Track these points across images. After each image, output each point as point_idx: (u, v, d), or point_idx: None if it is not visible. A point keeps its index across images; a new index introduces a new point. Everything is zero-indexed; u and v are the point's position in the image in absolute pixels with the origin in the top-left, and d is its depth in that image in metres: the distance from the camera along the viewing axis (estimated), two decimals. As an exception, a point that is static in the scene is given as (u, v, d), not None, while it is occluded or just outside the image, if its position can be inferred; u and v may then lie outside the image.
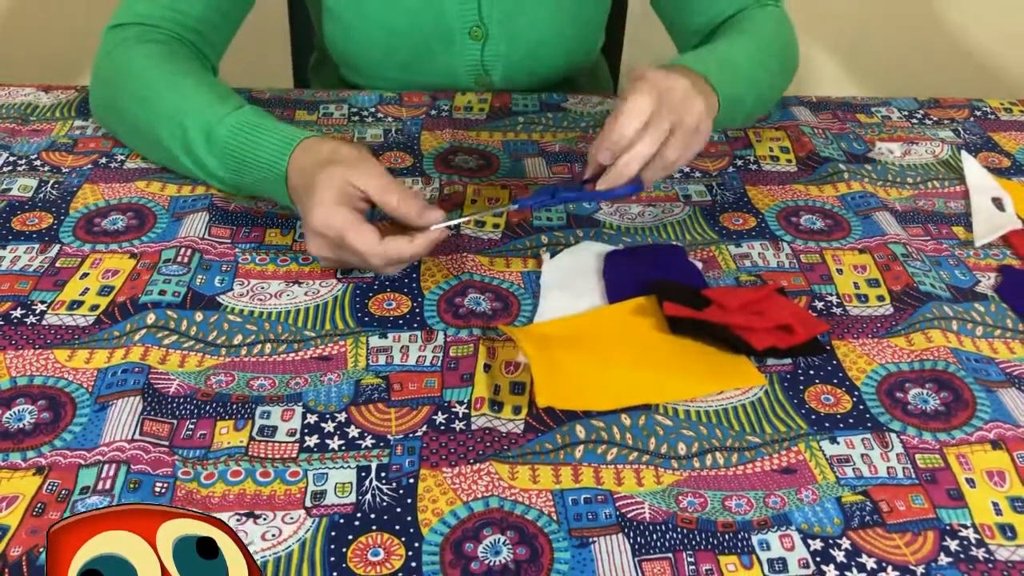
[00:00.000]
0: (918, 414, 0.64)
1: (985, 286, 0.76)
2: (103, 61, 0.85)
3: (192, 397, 0.62)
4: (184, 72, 0.81)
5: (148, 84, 0.81)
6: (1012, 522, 0.56)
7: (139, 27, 0.86)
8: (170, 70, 0.81)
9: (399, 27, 0.96)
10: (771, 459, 0.60)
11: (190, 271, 0.73)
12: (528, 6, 0.97)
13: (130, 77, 0.82)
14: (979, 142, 0.97)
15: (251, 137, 0.75)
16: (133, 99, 0.81)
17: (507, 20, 0.97)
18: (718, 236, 0.80)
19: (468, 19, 0.96)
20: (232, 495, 0.56)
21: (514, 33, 0.98)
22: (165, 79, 0.80)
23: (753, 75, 0.85)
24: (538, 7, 0.97)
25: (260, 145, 0.74)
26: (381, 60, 0.99)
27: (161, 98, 0.79)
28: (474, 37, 0.97)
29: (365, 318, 0.70)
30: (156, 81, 0.80)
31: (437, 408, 0.63)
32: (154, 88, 0.80)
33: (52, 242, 0.76)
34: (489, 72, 1.00)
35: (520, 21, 0.97)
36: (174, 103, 0.78)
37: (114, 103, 0.84)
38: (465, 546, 0.54)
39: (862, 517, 0.56)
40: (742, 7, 0.93)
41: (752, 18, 0.92)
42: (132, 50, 0.83)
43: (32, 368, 0.64)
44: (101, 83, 0.86)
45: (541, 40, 1.00)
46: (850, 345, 0.69)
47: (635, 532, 0.55)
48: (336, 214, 0.68)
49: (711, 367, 0.66)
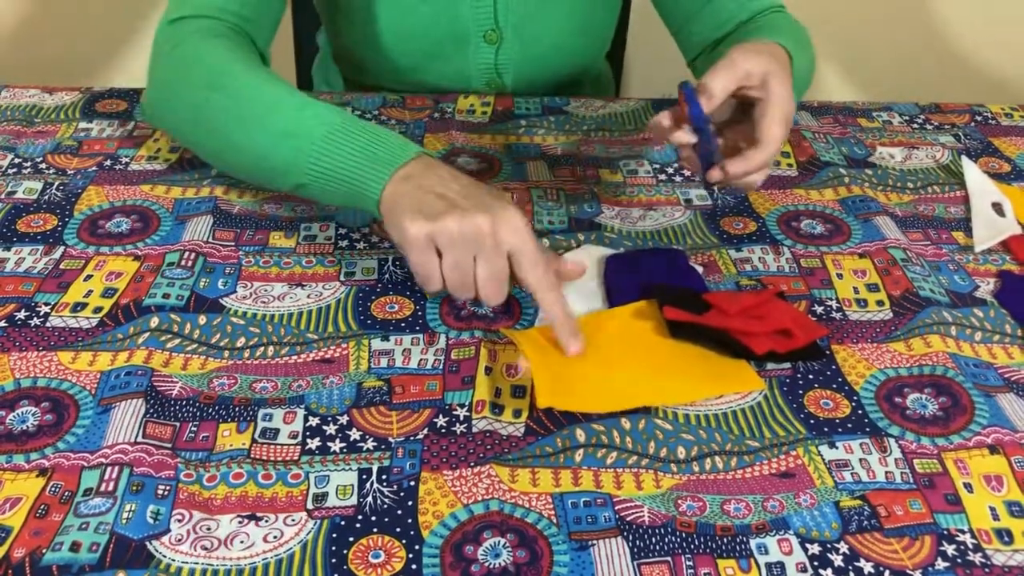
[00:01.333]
0: (917, 419, 0.64)
1: (984, 291, 0.76)
2: (171, 54, 0.80)
3: (195, 400, 0.63)
4: (262, 68, 0.78)
5: (228, 72, 0.76)
6: (1009, 527, 0.57)
7: (204, 19, 0.81)
8: (247, 64, 0.77)
9: (414, 30, 0.96)
10: (770, 463, 0.60)
11: (194, 275, 0.73)
12: (543, 11, 0.97)
13: (205, 68, 0.77)
14: (980, 147, 0.97)
15: (366, 126, 0.71)
16: (212, 88, 0.76)
17: (521, 24, 0.98)
18: (719, 240, 0.81)
19: (483, 23, 0.97)
20: (234, 497, 0.57)
21: (528, 37, 0.99)
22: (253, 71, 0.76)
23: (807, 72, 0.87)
24: (552, 12, 0.98)
25: (382, 130, 0.71)
26: (393, 62, 1.00)
27: (251, 86, 0.75)
28: (488, 41, 0.98)
29: (368, 321, 0.70)
30: (242, 72, 0.76)
31: (438, 411, 0.63)
32: (235, 76, 0.76)
33: (56, 244, 0.76)
34: (502, 75, 1.01)
35: (534, 25, 0.98)
36: (269, 90, 0.74)
37: (179, 96, 0.79)
38: (465, 548, 0.54)
39: (860, 522, 0.57)
40: (752, 15, 0.93)
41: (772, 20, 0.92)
42: (201, 44, 0.79)
43: (36, 370, 0.65)
44: (162, 78, 0.81)
45: (554, 44, 1.00)
46: (849, 350, 0.70)
47: (634, 535, 0.55)
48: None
49: (711, 371, 0.67)
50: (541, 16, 0.98)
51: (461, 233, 0.64)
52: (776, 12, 0.94)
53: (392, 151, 0.70)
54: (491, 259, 0.65)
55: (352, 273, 0.75)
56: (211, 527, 0.55)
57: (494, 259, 0.65)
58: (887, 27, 1.92)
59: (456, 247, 0.65)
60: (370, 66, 1.02)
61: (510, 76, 1.01)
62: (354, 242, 0.78)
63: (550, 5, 0.98)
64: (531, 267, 0.65)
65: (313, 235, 0.79)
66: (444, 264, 0.66)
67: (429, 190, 0.67)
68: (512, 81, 1.02)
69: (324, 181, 0.71)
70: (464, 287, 0.66)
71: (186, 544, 0.53)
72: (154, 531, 0.54)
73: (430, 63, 0.99)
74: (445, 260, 0.66)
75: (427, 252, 0.65)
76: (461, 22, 0.96)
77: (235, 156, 0.76)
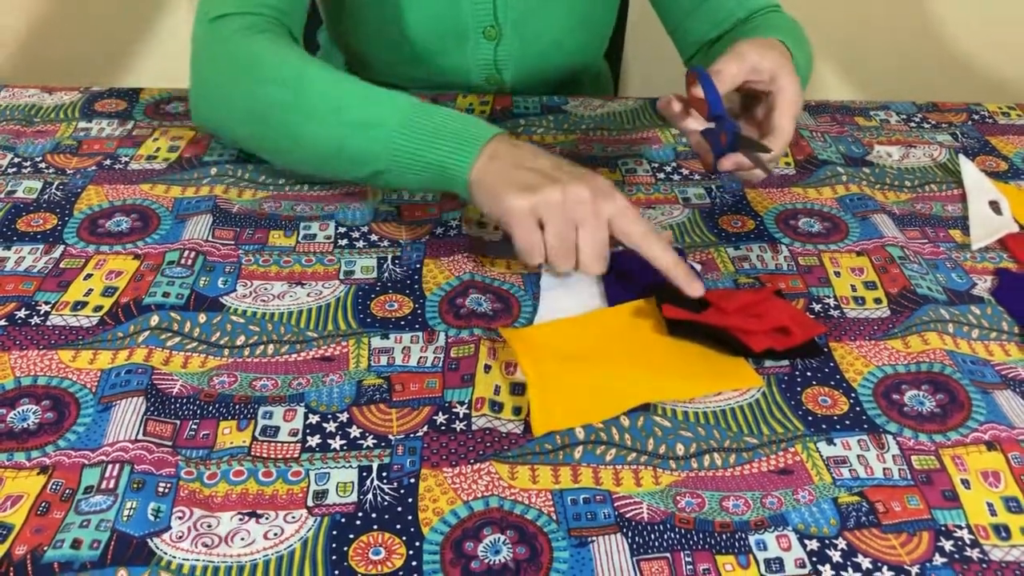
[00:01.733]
0: (914, 416, 0.64)
1: (981, 289, 0.76)
2: (219, 52, 0.80)
3: (195, 398, 0.63)
4: (318, 61, 0.78)
5: (289, 66, 0.77)
6: (1006, 523, 0.57)
7: (244, 16, 0.81)
8: (303, 59, 0.78)
9: (415, 24, 0.97)
10: (768, 460, 0.61)
11: (193, 273, 0.74)
12: (542, 7, 0.98)
13: (263, 64, 0.77)
14: (977, 146, 0.97)
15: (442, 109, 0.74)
16: (271, 84, 0.77)
17: (521, 21, 0.98)
18: (717, 238, 0.81)
19: (483, 19, 0.97)
20: (235, 495, 0.57)
21: (527, 34, 0.99)
22: (305, 62, 0.77)
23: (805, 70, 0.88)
24: (552, 9, 0.98)
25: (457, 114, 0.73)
26: (394, 56, 1.00)
27: (313, 78, 0.76)
28: (488, 37, 0.98)
29: (367, 319, 0.70)
30: (297, 64, 0.77)
31: (438, 408, 0.63)
32: (297, 69, 0.76)
33: (56, 243, 0.76)
34: (501, 72, 1.01)
35: (534, 22, 0.98)
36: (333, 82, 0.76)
37: (237, 94, 0.79)
38: (465, 545, 0.54)
39: (858, 518, 0.57)
40: (750, 13, 0.94)
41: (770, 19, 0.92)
42: (251, 40, 0.79)
43: (36, 368, 0.65)
44: (217, 76, 0.80)
45: (553, 41, 1.01)
46: (847, 347, 0.70)
47: (633, 532, 0.55)
48: None
49: (709, 369, 0.67)
50: (540, 12, 0.98)
51: (564, 203, 0.67)
52: (773, 11, 0.94)
53: (474, 131, 0.72)
54: (593, 227, 0.68)
55: (351, 272, 0.75)
56: (212, 524, 0.55)
57: (596, 227, 0.68)
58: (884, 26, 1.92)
59: (559, 218, 0.67)
60: (370, 61, 1.03)
61: (509, 72, 1.02)
62: (353, 241, 0.78)
63: (550, 2, 0.98)
64: (634, 222, 0.69)
65: (313, 234, 0.79)
66: (547, 235, 0.68)
67: (521, 165, 0.70)
68: (511, 77, 1.02)
69: (406, 165, 0.73)
70: (567, 257, 0.69)
71: (187, 541, 0.54)
72: (155, 528, 0.54)
73: (430, 58, 1.00)
74: (548, 231, 0.68)
75: (531, 224, 0.68)
76: (461, 18, 0.97)
77: (304, 151, 0.78)
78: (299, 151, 0.78)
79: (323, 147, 0.76)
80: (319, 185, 0.85)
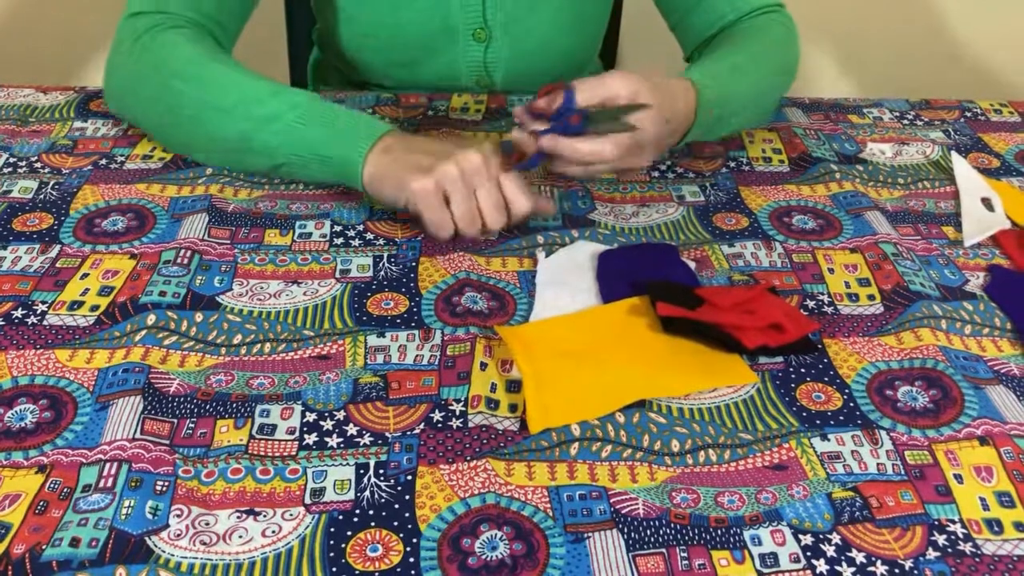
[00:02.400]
0: (907, 411, 0.65)
1: (974, 285, 0.77)
2: (133, 45, 0.84)
3: (192, 396, 0.63)
4: (227, 58, 0.83)
5: (199, 62, 0.81)
6: (999, 517, 0.57)
7: (162, 15, 0.85)
8: (212, 55, 0.82)
9: (405, 25, 0.97)
10: (763, 456, 0.61)
11: (189, 272, 0.74)
12: (531, 10, 0.98)
13: (171, 59, 0.82)
14: (969, 143, 0.98)
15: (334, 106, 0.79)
16: (179, 77, 0.81)
17: (511, 23, 0.98)
18: (711, 236, 0.81)
19: (472, 20, 0.97)
20: (232, 493, 0.57)
21: (517, 36, 0.99)
22: (219, 58, 0.82)
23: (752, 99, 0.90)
24: (541, 11, 0.98)
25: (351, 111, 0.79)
26: (385, 58, 1.00)
27: (220, 72, 0.81)
28: (477, 38, 0.98)
29: (363, 317, 0.71)
30: (208, 60, 0.81)
31: (434, 406, 0.63)
32: (207, 66, 0.81)
33: (52, 243, 0.76)
34: (491, 73, 1.01)
35: (523, 24, 0.99)
36: (237, 77, 0.80)
37: (146, 86, 0.83)
38: (462, 541, 0.55)
39: (852, 512, 0.57)
40: (747, 12, 0.95)
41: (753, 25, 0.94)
42: (166, 34, 0.83)
43: (33, 368, 0.65)
44: (127, 68, 0.85)
45: (543, 43, 1.01)
46: (841, 343, 0.70)
47: (629, 528, 0.56)
48: None
49: (704, 365, 0.67)
50: (530, 14, 0.98)
51: (462, 172, 0.73)
52: (766, 13, 0.95)
53: (366, 129, 0.78)
54: (489, 188, 0.74)
55: (347, 270, 0.75)
56: (210, 522, 0.55)
57: (491, 187, 0.74)
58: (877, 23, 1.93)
59: (460, 186, 0.74)
60: (360, 63, 1.03)
61: (499, 74, 1.02)
62: (349, 239, 0.79)
63: (539, 4, 0.98)
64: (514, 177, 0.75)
65: (308, 232, 0.79)
66: (453, 206, 0.74)
67: (415, 152, 0.76)
68: (502, 79, 1.02)
69: (305, 160, 0.79)
70: (473, 221, 0.75)
71: (185, 539, 0.54)
72: (153, 526, 0.54)
73: (420, 60, 1.00)
74: (454, 201, 0.74)
75: (437, 201, 0.74)
76: (450, 19, 0.97)
77: (209, 143, 0.83)
78: (204, 143, 0.83)
79: (226, 140, 0.81)
80: (314, 184, 0.85)
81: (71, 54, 1.88)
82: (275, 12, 1.23)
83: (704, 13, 0.97)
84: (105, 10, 1.84)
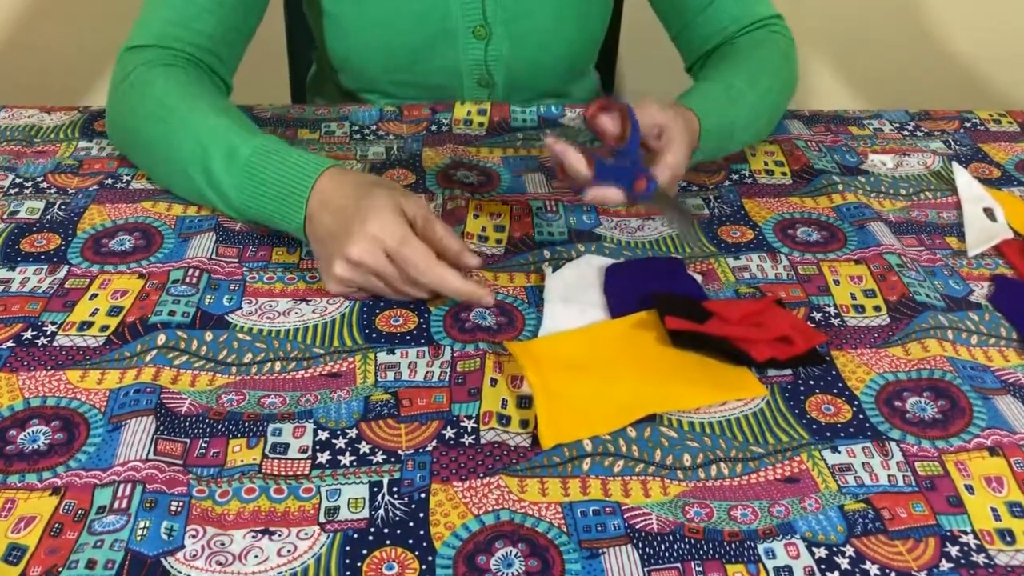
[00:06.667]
0: (917, 422, 0.65)
1: (979, 295, 0.77)
2: (121, 83, 0.85)
3: (204, 416, 0.63)
4: (205, 98, 0.82)
5: (169, 106, 0.81)
6: (1011, 527, 0.58)
7: (156, 49, 0.86)
8: (192, 94, 0.82)
9: (403, 27, 0.97)
10: (774, 469, 0.61)
11: (198, 291, 0.74)
12: (532, 7, 0.98)
13: (149, 99, 0.83)
14: (969, 153, 0.99)
15: (275, 158, 0.75)
16: (151, 120, 0.82)
17: (511, 21, 0.99)
18: (716, 249, 0.82)
19: (472, 18, 0.98)
20: (247, 512, 0.57)
21: (517, 34, 1.00)
22: (187, 103, 0.81)
23: (751, 122, 0.91)
24: (541, 9, 0.99)
25: (285, 164, 0.75)
26: (383, 62, 1.00)
27: (182, 119, 0.80)
28: (478, 36, 0.99)
29: (373, 334, 0.71)
30: (177, 104, 0.81)
31: (446, 423, 0.64)
32: (175, 111, 0.81)
33: (61, 263, 0.76)
34: (492, 72, 1.02)
35: (523, 22, 0.99)
36: (196, 124, 0.79)
37: (131, 124, 0.85)
38: (478, 559, 0.55)
39: (865, 525, 0.58)
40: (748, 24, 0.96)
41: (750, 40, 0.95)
42: (151, 72, 0.84)
43: (45, 389, 0.65)
44: (119, 104, 0.86)
45: (544, 41, 1.01)
46: (848, 355, 0.71)
47: (643, 543, 0.56)
48: (397, 222, 0.70)
49: (713, 379, 0.68)
50: (530, 12, 0.99)
51: (344, 274, 0.71)
52: (766, 26, 0.96)
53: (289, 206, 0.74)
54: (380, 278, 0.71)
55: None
56: (225, 542, 0.55)
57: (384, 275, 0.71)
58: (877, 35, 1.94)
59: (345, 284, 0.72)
60: (360, 68, 1.03)
61: (500, 74, 1.02)
62: (357, 256, 0.79)
63: (539, 1, 0.98)
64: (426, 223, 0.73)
65: (316, 250, 0.79)
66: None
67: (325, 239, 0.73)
68: (503, 79, 1.03)
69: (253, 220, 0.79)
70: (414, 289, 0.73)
71: (201, 560, 0.54)
72: (169, 547, 0.54)
73: (420, 60, 1.00)
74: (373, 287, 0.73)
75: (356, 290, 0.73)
76: (450, 17, 0.97)
77: (177, 189, 0.84)
78: (169, 177, 0.84)
79: (185, 189, 0.82)
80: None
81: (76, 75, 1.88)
82: (275, 30, 1.24)
83: (705, 25, 0.98)
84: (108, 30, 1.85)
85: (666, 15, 1.01)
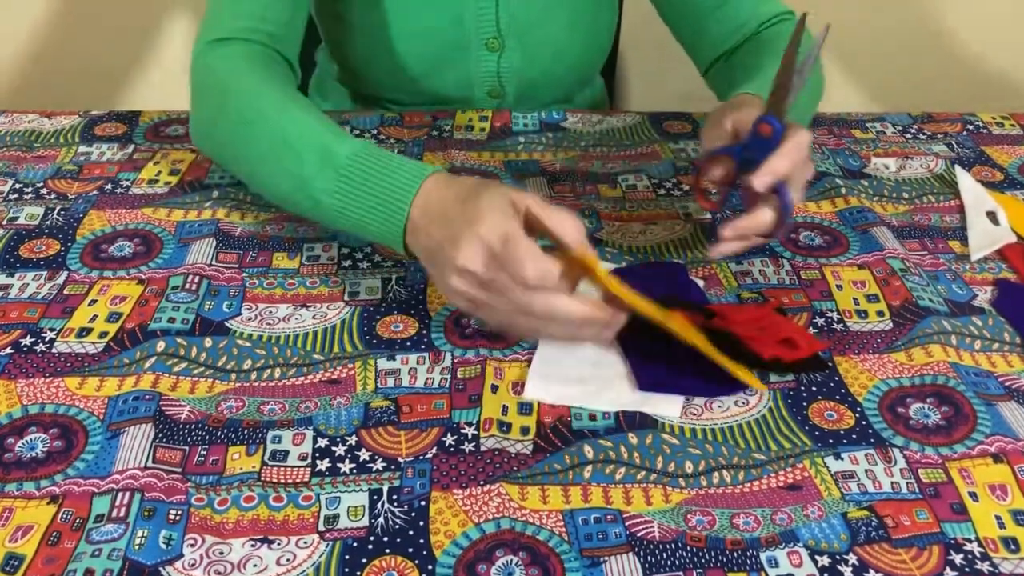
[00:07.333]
0: (920, 429, 0.65)
1: (982, 300, 0.77)
2: (208, 79, 0.80)
3: (203, 423, 0.63)
4: (293, 98, 0.77)
5: (256, 107, 0.75)
6: (1015, 535, 0.57)
7: (234, 42, 0.82)
8: (280, 96, 0.76)
9: (418, 37, 0.97)
10: (777, 476, 0.61)
11: (198, 298, 0.74)
12: (544, 19, 0.98)
13: (237, 97, 0.77)
14: (972, 156, 0.98)
15: (375, 163, 0.68)
16: (240, 121, 0.76)
17: (524, 33, 0.99)
18: (718, 254, 0.81)
19: (486, 31, 0.98)
20: (246, 520, 0.57)
21: (530, 45, 1.00)
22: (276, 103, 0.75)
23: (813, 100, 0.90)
24: (554, 21, 0.99)
25: (386, 170, 0.68)
26: (397, 71, 1.00)
27: (270, 119, 0.74)
28: (491, 48, 0.99)
29: (373, 341, 0.70)
30: (266, 105, 0.75)
31: (446, 430, 0.63)
32: (263, 111, 0.75)
33: (60, 269, 0.76)
34: (503, 84, 1.01)
35: (536, 34, 0.99)
36: (286, 125, 0.73)
37: (220, 129, 0.79)
38: (478, 567, 0.54)
39: (868, 532, 0.57)
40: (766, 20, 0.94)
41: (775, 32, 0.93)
42: (235, 74, 0.79)
43: (43, 396, 0.65)
44: (205, 110, 0.81)
45: (556, 52, 1.01)
46: (851, 361, 0.70)
47: (645, 551, 0.56)
48: (504, 220, 0.61)
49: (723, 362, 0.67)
50: (543, 24, 0.99)
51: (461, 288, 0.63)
52: (783, 21, 0.94)
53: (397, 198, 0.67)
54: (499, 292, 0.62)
55: (356, 293, 0.75)
56: (224, 551, 0.55)
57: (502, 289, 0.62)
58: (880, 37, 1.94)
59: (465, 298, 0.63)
60: (372, 78, 1.03)
61: (512, 85, 1.02)
62: (357, 262, 0.79)
63: (552, 13, 0.99)
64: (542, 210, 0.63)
65: (316, 255, 0.79)
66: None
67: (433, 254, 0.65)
68: (514, 90, 1.03)
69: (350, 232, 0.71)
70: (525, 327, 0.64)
71: (199, 569, 0.54)
72: (167, 556, 0.54)
73: (433, 71, 1.00)
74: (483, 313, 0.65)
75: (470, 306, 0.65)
76: (464, 29, 0.97)
77: (266, 192, 0.77)
78: (263, 191, 0.78)
79: (276, 193, 0.75)
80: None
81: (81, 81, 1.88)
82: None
83: (722, 23, 0.94)
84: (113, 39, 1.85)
85: (677, 20, 0.99)
